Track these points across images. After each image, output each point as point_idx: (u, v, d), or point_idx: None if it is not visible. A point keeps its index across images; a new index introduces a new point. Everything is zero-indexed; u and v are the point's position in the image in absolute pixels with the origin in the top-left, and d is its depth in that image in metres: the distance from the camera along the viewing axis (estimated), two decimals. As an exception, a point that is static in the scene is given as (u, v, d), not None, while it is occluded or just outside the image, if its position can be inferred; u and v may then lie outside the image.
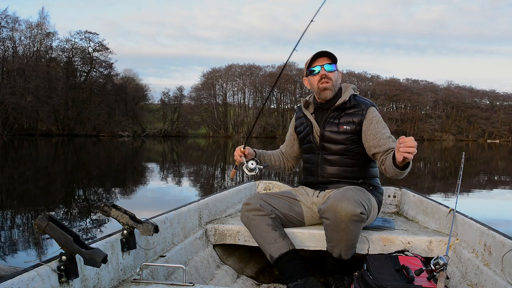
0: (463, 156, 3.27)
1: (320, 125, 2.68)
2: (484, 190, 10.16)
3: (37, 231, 1.47)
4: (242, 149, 2.58)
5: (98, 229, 5.30)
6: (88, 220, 5.88)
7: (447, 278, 2.06)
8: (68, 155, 22.08)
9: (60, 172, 12.85)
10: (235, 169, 2.66)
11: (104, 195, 8.42)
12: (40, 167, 14.15)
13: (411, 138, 2.09)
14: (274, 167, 2.97)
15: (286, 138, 3.02)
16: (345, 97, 2.63)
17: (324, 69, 2.60)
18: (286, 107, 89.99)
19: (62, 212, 6.40)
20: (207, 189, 9.34)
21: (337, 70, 2.66)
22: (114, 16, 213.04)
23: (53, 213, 5.51)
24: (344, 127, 2.59)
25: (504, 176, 14.52)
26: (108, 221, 5.64)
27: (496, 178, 13.69)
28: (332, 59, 2.63)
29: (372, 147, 2.54)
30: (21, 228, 5.35)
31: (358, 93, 2.73)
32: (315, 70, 2.62)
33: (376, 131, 2.53)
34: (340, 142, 2.60)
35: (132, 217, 1.96)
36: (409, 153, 2.07)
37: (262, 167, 2.62)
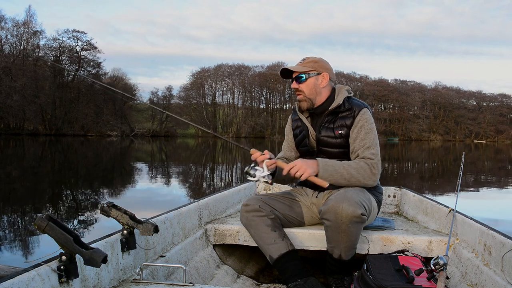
0: (463, 156, 3.29)
1: (316, 130, 2.63)
2: (473, 190, 10.25)
3: (36, 230, 1.45)
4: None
5: (88, 230, 5.25)
6: (75, 221, 5.81)
7: (447, 278, 2.06)
8: (56, 154, 21.90)
9: (47, 172, 12.72)
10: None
11: (93, 195, 8.35)
12: (27, 167, 13.99)
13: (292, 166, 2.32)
14: (284, 180, 2.66)
15: (285, 142, 2.88)
16: (338, 100, 2.57)
17: (295, 82, 2.57)
18: (275, 107, 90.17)
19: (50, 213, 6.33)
20: (196, 189, 9.32)
21: (312, 76, 2.55)
22: (104, 14, 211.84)
23: (40, 214, 5.44)
24: (339, 132, 2.54)
25: (491, 175, 14.67)
26: (96, 222, 5.60)
27: (482, 178, 13.82)
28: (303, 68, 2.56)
29: (350, 151, 2.54)
30: (9, 229, 5.28)
31: (352, 94, 2.67)
32: (292, 82, 2.62)
33: (356, 136, 2.50)
34: (337, 146, 2.56)
35: (132, 217, 1.94)
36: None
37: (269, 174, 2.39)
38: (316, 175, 2.35)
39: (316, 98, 2.58)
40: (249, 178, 2.33)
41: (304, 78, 2.55)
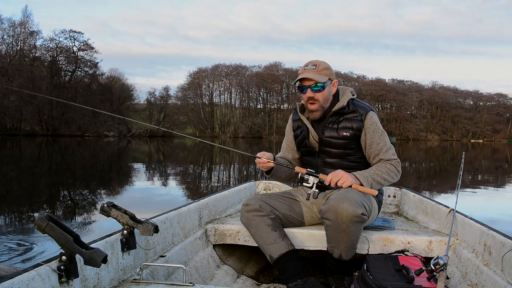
0: (463, 156, 3.28)
1: (319, 131, 2.62)
2: (472, 189, 10.26)
3: (35, 230, 1.44)
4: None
5: (87, 230, 5.23)
6: (75, 221, 5.80)
7: (447, 278, 2.06)
8: (53, 155, 21.83)
9: (44, 173, 12.69)
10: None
11: (91, 195, 8.33)
12: (24, 168, 13.94)
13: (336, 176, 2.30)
14: (281, 177, 2.73)
15: (285, 142, 2.87)
16: (343, 102, 2.57)
17: (311, 91, 2.51)
18: (273, 107, 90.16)
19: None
20: (194, 190, 9.30)
21: (327, 86, 2.54)
22: (103, 15, 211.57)
23: (39, 214, 5.42)
24: (344, 133, 2.54)
25: (489, 175, 14.70)
26: (96, 222, 5.58)
27: (480, 177, 13.83)
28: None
29: (367, 156, 2.59)
30: (8, 229, 5.26)
31: (355, 96, 2.68)
32: (303, 90, 2.55)
33: (372, 141, 2.53)
34: (339, 146, 2.57)
35: (132, 217, 1.94)
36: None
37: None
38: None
39: (326, 105, 2.59)
40: (305, 184, 2.36)
41: (322, 88, 2.52)
